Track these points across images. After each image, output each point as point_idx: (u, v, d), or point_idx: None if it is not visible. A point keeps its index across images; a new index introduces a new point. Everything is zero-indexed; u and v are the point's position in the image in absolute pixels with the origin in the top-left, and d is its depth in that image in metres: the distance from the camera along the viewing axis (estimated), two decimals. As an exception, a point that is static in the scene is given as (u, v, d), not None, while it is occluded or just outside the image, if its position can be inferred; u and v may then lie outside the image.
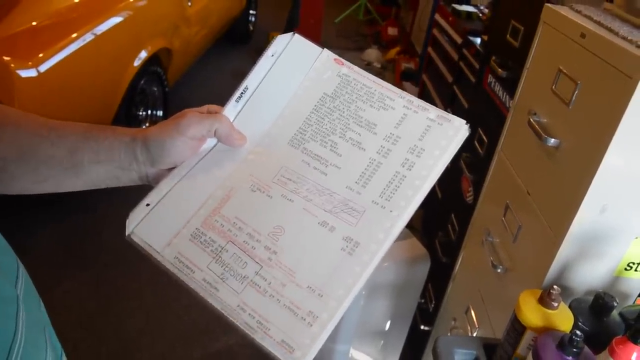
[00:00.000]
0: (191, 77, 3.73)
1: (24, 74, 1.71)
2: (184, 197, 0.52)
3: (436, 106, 0.56)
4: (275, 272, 0.47)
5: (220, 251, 0.49)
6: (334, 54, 0.60)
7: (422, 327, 1.63)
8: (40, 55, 1.79)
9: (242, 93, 0.57)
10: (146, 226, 0.51)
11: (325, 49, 0.60)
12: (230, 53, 4.59)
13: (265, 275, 0.47)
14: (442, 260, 1.57)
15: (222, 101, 0.57)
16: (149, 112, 2.83)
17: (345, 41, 5.47)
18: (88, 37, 2.01)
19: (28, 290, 0.59)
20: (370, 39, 5.46)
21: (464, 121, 0.53)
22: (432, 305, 1.61)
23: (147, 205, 0.52)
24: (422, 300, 1.67)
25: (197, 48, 3.47)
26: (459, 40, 2.07)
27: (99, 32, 2.07)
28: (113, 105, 2.30)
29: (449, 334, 1.32)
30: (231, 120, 0.55)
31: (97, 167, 0.52)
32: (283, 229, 0.49)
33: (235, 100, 0.56)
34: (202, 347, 1.83)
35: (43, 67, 1.78)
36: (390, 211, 0.49)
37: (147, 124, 2.84)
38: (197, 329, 1.89)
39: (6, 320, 0.52)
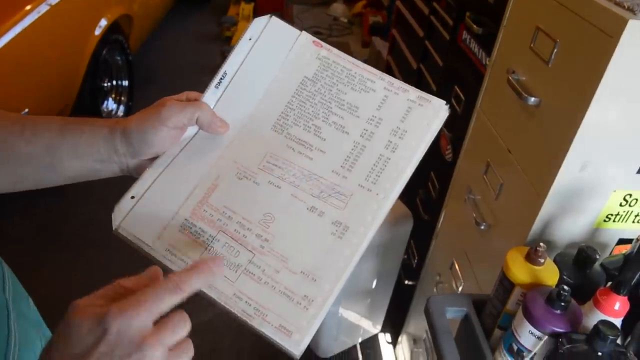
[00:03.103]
0: (154, 43, 3.59)
1: (-21, 53, 1.61)
2: (170, 188, 0.52)
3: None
4: (268, 259, 0.48)
5: (211, 241, 0.49)
6: (312, 36, 0.59)
7: (406, 282, 1.69)
8: (-6, 31, 1.69)
9: (221, 79, 0.56)
10: (133, 219, 0.50)
11: (303, 31, 0.59)
12: (192, 14, 4.42)
13: (259, 263, 0.48)
14: (424, 218, 1.60)
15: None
16: (114, 82, 2.73)
17: (310, -5, 5.32)
18: (43, 8, 1.91)
19: (17, 292, 0.58)
20: (335, -9, 5.32)
21: (444, 101, 0.53)
22: (416, 261, 1.66)
23: (132, 197, 0.51)
24: (406, 257, 1.71)
25: (157, 11, 3.34)
26: (428, -8, 2.03)
27: (53, 2, 1.96)
28: (77, 79, 2.22)
29: (434, 289, 1.37)
30: (211, 107, 0.54)
31: (76, 162, 0.51)
32: (273, 216, 0.50)
33: (215, 87, 0.55)
34: (195, 317, 1.85)
35: (-2, 45, 1.68)
36: (377, 194, 0.50)
37: (113, 95, 2.75)
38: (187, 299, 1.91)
39: None
